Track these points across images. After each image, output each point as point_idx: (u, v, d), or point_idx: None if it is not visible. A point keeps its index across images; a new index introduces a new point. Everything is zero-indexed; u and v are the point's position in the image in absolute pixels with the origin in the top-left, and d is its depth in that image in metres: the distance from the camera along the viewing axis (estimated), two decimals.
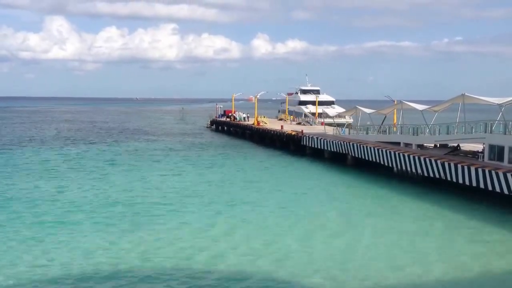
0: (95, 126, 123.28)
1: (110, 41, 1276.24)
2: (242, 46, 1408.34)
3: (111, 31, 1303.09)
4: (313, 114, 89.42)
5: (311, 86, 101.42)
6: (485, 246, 27.36)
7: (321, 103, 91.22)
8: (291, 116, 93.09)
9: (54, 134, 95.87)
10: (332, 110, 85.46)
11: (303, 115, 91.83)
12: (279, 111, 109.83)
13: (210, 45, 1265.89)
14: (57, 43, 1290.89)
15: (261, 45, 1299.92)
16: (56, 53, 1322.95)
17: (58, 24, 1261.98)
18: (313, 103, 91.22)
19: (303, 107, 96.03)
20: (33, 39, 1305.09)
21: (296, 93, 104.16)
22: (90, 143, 78.65)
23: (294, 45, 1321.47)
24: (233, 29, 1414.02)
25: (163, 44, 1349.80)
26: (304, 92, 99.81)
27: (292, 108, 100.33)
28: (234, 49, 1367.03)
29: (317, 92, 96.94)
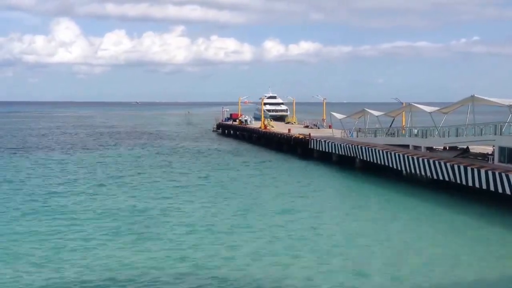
0: (111, 131, 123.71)
1: (117, 44, 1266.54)
2: (254, 48, 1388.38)
3: (118, 34, 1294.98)
4: (269, 110, 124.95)
5: (271, 93, 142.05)
6: (496, 249, 27.19)
7: (275, 104, 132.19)
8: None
9: (77, 140, 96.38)
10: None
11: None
12: (255, 113, 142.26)
13: (220, 47, 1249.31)
14: (62, 46, 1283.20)
15: (273, 47, 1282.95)
16: (61, 56, 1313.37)
17: (63, 27, 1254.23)
18: (270, 104, 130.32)
19: (264, 107, 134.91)
20: (38, 42, 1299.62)
21: (263, 98, 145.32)
22: (112, 149, 78.99)
23: (307, 46, 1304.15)
24: (246, 30, 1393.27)
25: (171, 46, 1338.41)
26: (268, 97, 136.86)
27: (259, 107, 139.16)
28: (246, 51, 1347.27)
29: (274, 97, 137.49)
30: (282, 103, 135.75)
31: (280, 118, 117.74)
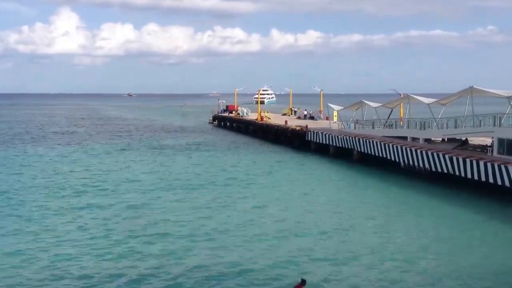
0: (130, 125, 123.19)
1: (118, 35, 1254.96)
2: (261, 38, 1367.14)
3: (120, 24, 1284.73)
4: (255, 97, 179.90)
5: (266, 87, 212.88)
6: (495, 241, 26.90)
7: (261, 94, 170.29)
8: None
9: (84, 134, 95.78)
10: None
11: (254, 101, 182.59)
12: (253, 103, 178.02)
13: (225, 37, 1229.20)
14: (61, 36, 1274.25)
15: (281, 37, 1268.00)
16: (60, 47, 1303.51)
17: (64, 17, 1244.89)
18: (261, 95, 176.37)
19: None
20: (36, 33, 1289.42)
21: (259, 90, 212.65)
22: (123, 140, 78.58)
23: (316, 35, 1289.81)
24: (253, 19, 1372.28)
25: (174, 37, 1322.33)
26: (263, 90, 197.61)
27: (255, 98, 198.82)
28: (252, 42, 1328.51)
29: (266, 90, 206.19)
30: (267, 95, 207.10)
31: (261, 103, 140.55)
